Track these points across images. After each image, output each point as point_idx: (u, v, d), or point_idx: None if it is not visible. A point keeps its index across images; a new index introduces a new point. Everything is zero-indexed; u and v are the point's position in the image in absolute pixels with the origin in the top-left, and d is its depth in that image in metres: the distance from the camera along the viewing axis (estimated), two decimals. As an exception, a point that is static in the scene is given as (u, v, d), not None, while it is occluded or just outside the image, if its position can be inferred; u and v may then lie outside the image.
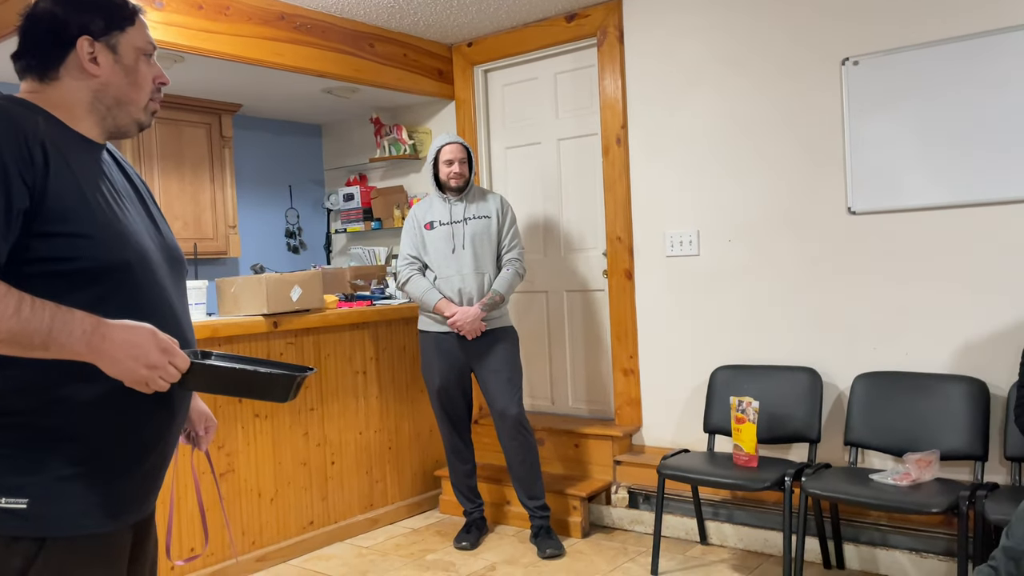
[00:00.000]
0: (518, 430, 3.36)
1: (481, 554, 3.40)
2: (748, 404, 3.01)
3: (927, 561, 2.87)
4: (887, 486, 2.64)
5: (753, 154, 3.36)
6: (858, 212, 3.11)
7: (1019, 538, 2.11)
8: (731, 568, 3.11)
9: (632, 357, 3.76)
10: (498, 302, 3.35)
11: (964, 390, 2.80)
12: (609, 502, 3.67)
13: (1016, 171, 2.77)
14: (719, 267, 3.48)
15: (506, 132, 4.28)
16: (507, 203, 3.49)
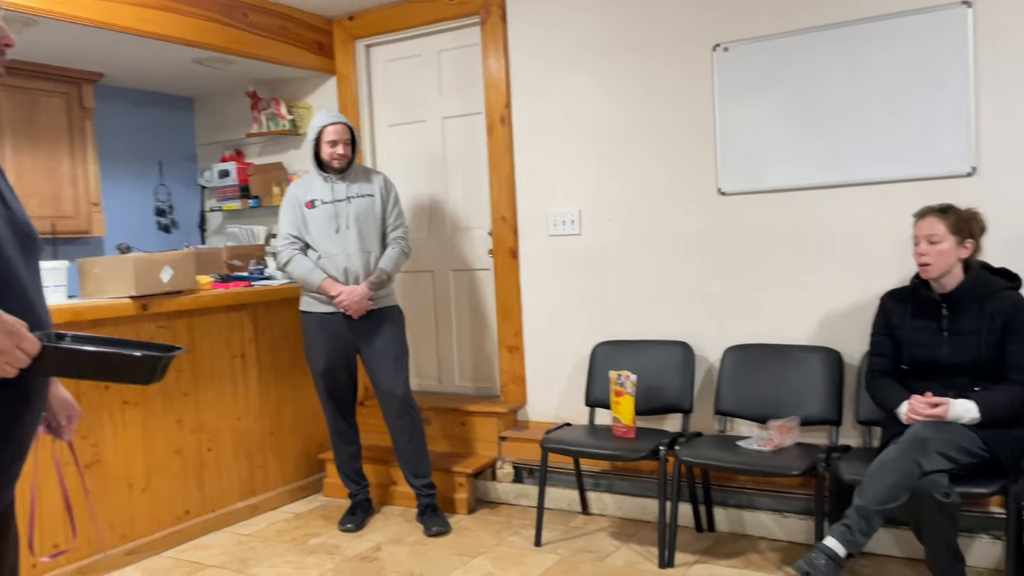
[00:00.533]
0: (404, 410, 3.35)
1: (366, 535, 3.38)
2: (626, 378, 3.12)
3: (789, 520, 3.07)
4: (752, 452, 2.81)
5: (631, 136, 3.46)
6: (728, 193, 3.27)
7: (869, 497, 2.30)
8: (610, 536, 3.23)
9: (517, 335, 3.81)
10: (385, 280, 3.32)
11: (821, 360, 3.01)
12: (495, 478, 3.72)
13: (871, 155, 2.97)
14: (600, 246, 3.57)
15: (389, 109, 4.22)
16: (390, 181, 3.45)
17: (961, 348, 2.47)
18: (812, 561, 2.27)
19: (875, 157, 2.96)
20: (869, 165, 2.98)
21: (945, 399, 2.40)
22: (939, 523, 2.29)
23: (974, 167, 2.80)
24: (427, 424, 3.87)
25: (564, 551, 3.09)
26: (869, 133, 2.97)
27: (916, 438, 2.32)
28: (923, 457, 2.27)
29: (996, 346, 2.43)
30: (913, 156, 2.89)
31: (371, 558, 3.13)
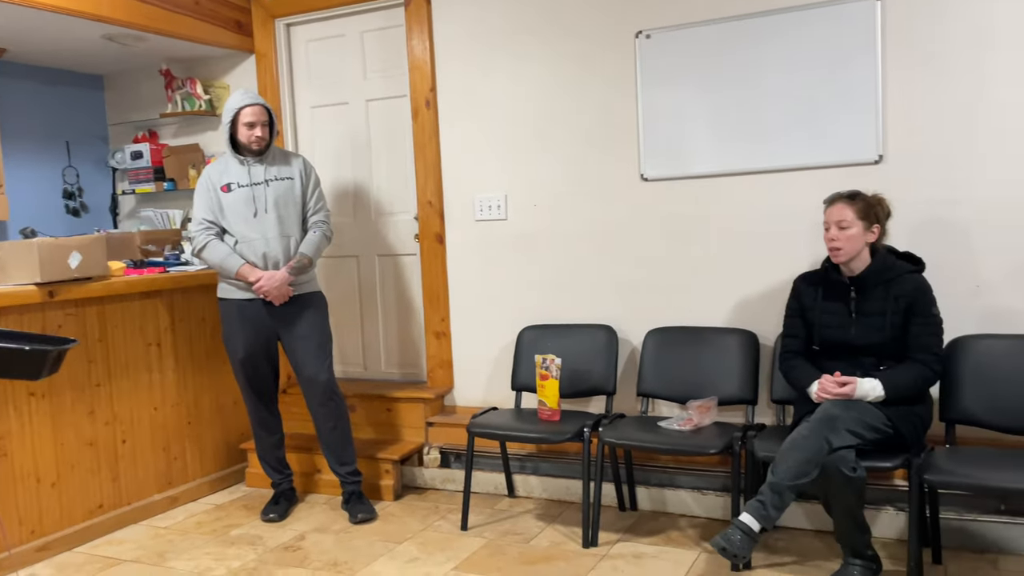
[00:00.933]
0: (328, 397, 3.30)
1: (290, 525, 3.33)
2: (552, 361, 3.15)
3: (707, 498, 3.16)
4: (672, 431, 2.87)
5: (556, 121, 3.47)
6: (650, 179, 3.32)
7: (782, 473, 2.38)
8: (536, 517, 3.26)
9: (444, 320, 3.80)
10: (306, 265, 3.25)
11: (738, 342, 3.10)
12: (422, 463, 3.71)
13: (786, 143, 3.06)
14: (526, 231, 3.59)
15: (312, 91, 4.12)
16: (310, 164, 3.37)
17: (868, 329, 2.57)
18: (728, 537, 2.34)
19: (789, 145, 3.05)
20: (784, 153, 3.07)
21: (852, 378, 2.50)
22: (847, 496, 2.39)
23: (881, 155, 2.92)
24: (352, 411, 3.83)
25: (490, 534, 3.11)
26: (784, 122, 3.05)
27: (825, 416, 2.42)
28: (832, 434, 2.37)
29: (900, 327, 2.55)
30: (825, 144, 2.99)
31: (295, 547, 3.08)
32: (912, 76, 2.86)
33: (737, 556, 2.33)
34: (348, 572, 2.83)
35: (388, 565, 2.88)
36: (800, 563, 2.72)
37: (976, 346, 2.66)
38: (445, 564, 2.86)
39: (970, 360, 2.65)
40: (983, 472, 2.30)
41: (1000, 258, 2.79)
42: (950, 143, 2.82)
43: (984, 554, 2.71)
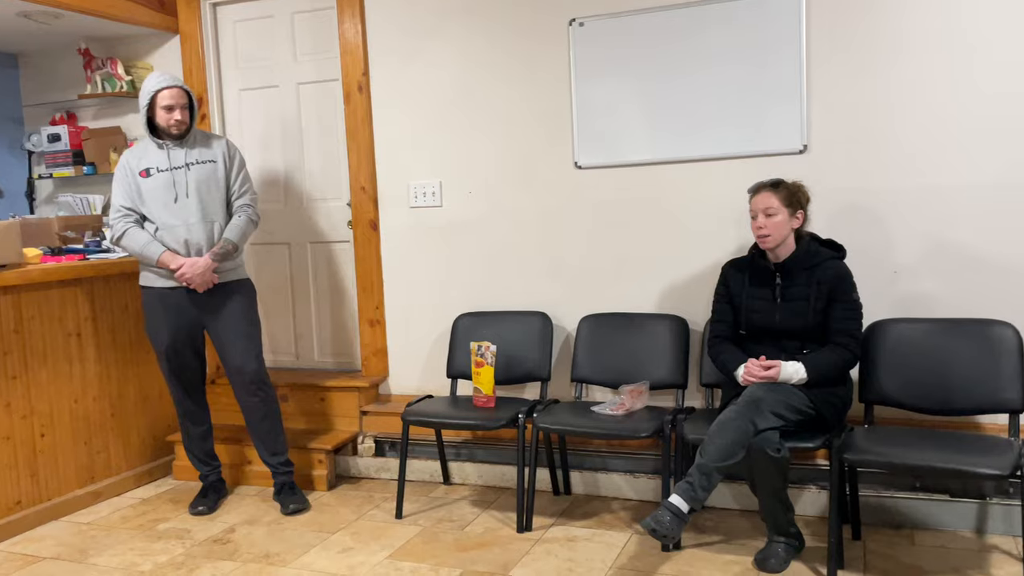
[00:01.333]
0: (258, 386, 3.23)
1: (220, 517, 3.26)
2: (487, 348, 3.15)
3: (639, 480, 3.22)
4: (605, 416, 2.91)
5: (490, 108, 3.46)
6: (584, 167, 3.34)
7: (710, 455, 2.44)
8: (471, 504, 3.27)
9: (378, 308, 3.76)
10: (231, 251, 3.16)
11: (669, 327, 3.15)
12: (356, 453, 3.67)
13: (715, 132, 3.12)
14: (461, 218, 3.57)
15: (240, 73, 4.01)
16: (234, 146, 3.27)
17: (792, 314, 2.65)
18: (658, 518, 2.38)
19: (719, 134, 3.11)
20: (714, 142, 3.12)
21: (776, 362, 2.58)
22: (771, 476, 2.46)
23: (806, 145, 3.00)
24: (284, 401, 3.77)
25: (425, 521, 3.11)
26: (714, 112, 3.11)
27: (751, 399, 2.48)
28: (757, 416, 2.43)
29: (822, 312, 2.63)
30: (753, 134, 3.06)
31: (224, 540, 3.02)
32: (834, 69, 2.94)
33: (667, 537, 2.38)
34: (280, 564, 2.79)
35: (321, 556, 2.84)
36: (727, 542, 2.79)
37: (893, 330, 2.77)
38: (379, 553, 2.84)
39: (887, 343, 2.75)
40: (899, 450, 2.40)
41: (916, 244, 2.90)
42: (870, 134, 2.92)
43: (900, 529, 2.83)
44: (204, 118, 3.99)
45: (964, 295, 2.85)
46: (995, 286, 2.81)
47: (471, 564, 2.71)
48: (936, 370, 2.67)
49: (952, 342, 2.68)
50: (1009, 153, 2.76)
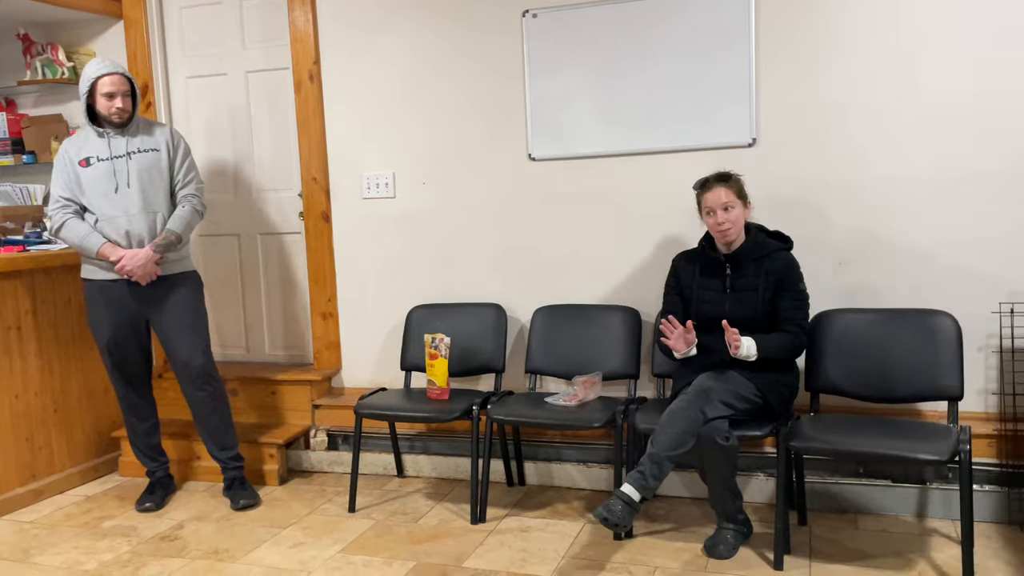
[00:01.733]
0: (205, 380, 3.17)
1: (167, 514, 3.19)
2: (441, 340, 3.14)
3: (592, 470, 3.25)
4: (559, 407, 2.93)
5: (444, 99, 3.44)
6: (537, 159, 3.34)
7: (661, 444, 2.47)
8: (425, 496, 3.26)
9: (331, 300, 3.71)
10: (174, 242, 3.08)
11: (621, 318, 3.18)
12: (308, 447, 3.63)
13: (667, 125, 3.14)
14: (415, 209, 3.55)
15: (187, 60, 3.92)
16: (178, 134, 3.19)
17: (742, 304, 2.69)
18: (610, 507, 2.40)
19: (671, 127, 3.14)
20: (665, 135, 3.15)
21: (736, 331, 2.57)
22: (721, 464, 2.51)
23: (755, 138, 3.05)
24: (234, 395, 3.71)
25: (378, 515, 3.09)
26: (666, 105, 3.13)
27: (700, 389, 2.52)
28: (707, 405, 2.47)
29: (771, 302, 2.68)
30: (703, 127, 3.09)
31: (172, 537, 2.96)
32: (782, 65, 2.99)
33: (619, 525, 2.41)
34: (229, 560, 2.75)
35: (272, 551, 2.81)
36: (678, 529, 2.83)
37: (838, 320, 2.83)
38: (331, 547, 2.82)
39: (832, 333, 2.82)
40: (843, 438, 2.46)
41: (859, 236, 2.97)
42: (816, 128, 2.97)
43: (845, 514, 2.90)
44: (150, 106, 3.89)
45: (906, 286, 2.93)
46: (935, 277, 2.89)
47: (425, 556, 2.71)
48: (879, 359, 2.74)
49: (894, 332, 2.75)
50: (947, 148, 2.84)
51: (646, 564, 2.58)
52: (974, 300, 2.85)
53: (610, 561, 2.61)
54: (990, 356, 2.86)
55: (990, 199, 2.82)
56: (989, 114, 2.79)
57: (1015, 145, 2.77)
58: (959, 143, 2.83)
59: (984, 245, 2.84)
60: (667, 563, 2.58)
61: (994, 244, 2.83)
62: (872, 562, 2.53)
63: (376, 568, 2.63)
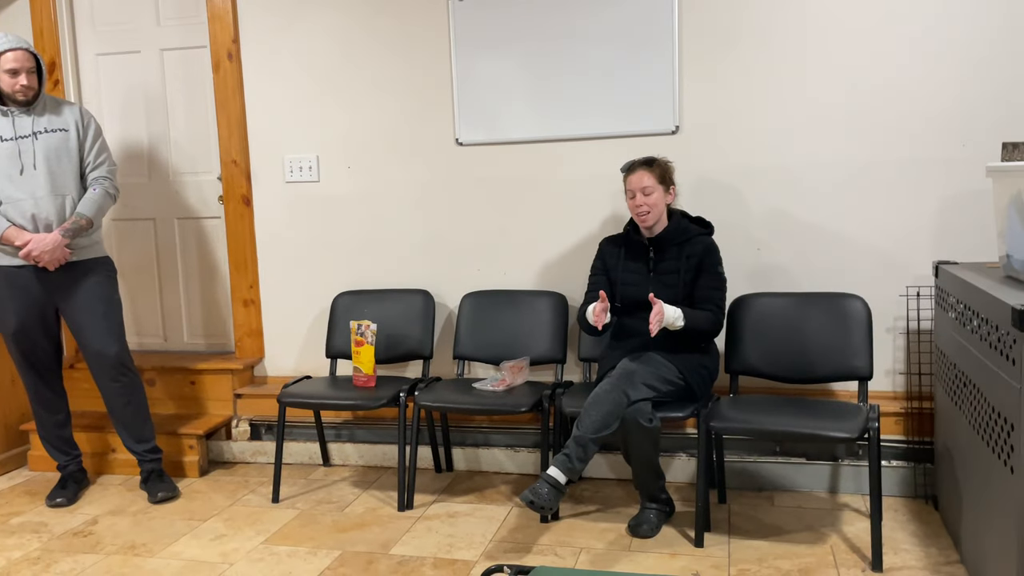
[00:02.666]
0: (119, 371, 3.05)
1: (81, 509, 3.07)
2: (367, 327, 3.10)
3: (520, 454, 3.27)
4: (486, 392, 2.93)
5: (369, 82, 3.38)
6: (465, 143, 3.32)
7: (586, 427, 2.50)
8: (352, 484, 3.23)
9: (252, 287, 3.62)
10: (84, 227, 2.95)
11: (549, 303, 3.20)
12: (230, 437, 3.55)
13: (593, 112, 3.16)
14: (339, 193, 3.48)
15: (97, 37, 3.75)
16: (88, 114, 3.04)
17: (664, 287, 2.74)
18: (536, 490, 2.43)
19: (598, 114, 3.16)
20: (593, 121, 3.17)
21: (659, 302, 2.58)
22: (644, 445, 2.55)
23: (678, 126, 3.10)
24: (151, 386, 3.59)
25: (303, 504, 3.04)
26: (592, 91, 3.16)
27: (624, 372, 2.56)
28: (630, 388, 2.51)
29: (691, 284, 2.73)
30: (629, 114, 3.13)
31: (86, 533, 2.85)
32: (704, 56, 3.04)
33: (545, 508, 2.43)
34: (146, 554, 2.66)
35: (191, 544, 2.73)
36: (603, 511, 2.88)
37: (755, 303, 2.91)
38: (254, 539, 2.76)
39: (751, 316, 2.90)
40: (761, 418, 2.54)
41: (776, 221, 3.06)
42: (736, 116, 3.04)
43: (762, 491, 3.00)
44: (57, 84, 3.71)
45: (821, 270, 3.03)
46: (848, 261, 3.01)
47: (350, 545, 2.68)
48: (794, 341, 2.84)
49: (808, 315, 2.85)
50: (859, 137, 2.95)
51: (572, 545, 2.61)
52: (883, 284, 2.98)
53: (536, 543, 2.64)
54: (898, 337, 3.00)
55: (898, 187, 2.94)
56: (899, 104, 2.90)
57: (924, 135, 2.89)
58: (870, 132, 2.94)
59: (892, 231, 2.96)
60: (592, 544, 2.62)
61: (902, 230, 2.95)
62: (787, 537, 2.62)
63: (300, 558, 2.59)
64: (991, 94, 2.82)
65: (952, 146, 2.87)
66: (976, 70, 2.82)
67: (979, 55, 2.81)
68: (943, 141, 2.88)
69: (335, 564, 2.54)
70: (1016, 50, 2.78)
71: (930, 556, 2.46)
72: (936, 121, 2.87)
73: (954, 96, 2.85)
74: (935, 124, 2.88)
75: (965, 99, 2.84)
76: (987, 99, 2.82)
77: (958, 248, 2.91)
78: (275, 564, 2.56)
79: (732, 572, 2.40)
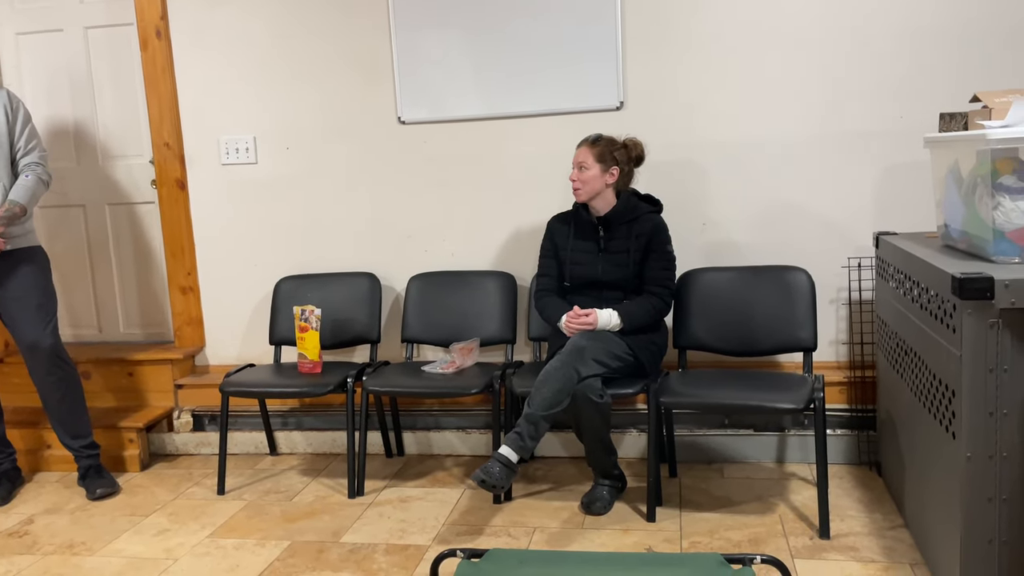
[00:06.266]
0: (54, 363, 2.92)
1: (15, 508, 2.95)
2: (311, 312, 3.02)
3: (471, 436, 3.24)
4: (436, 375, 2.89)
5: (307, 58, 3.28)
6: (407, 122, 3.25)
7: (536, 404, 2.48)
8: (300, 473, 3.16)
9: (191, 274, 3.51)
10: (18, 215, 2.80)
11: (498, 284, 3.17)
12: (172, 429, 3.44)
13: (539, 89, 3.12)
14: (279, 176, 3.38)
15: (16, 14, 3.55)
16: (16, 98, 2.90)
17: (613, 265, 2.73)
18: (488, 470, 2.40)
19: (543, 90, 3.12)
20: (537, 98, 3.13)
21: (592, 310, 2.64)
22: (595, 421, 2.55)
23: (622, 101, 3.08)
24: (86, 378, 3.46)
25: (250, 495, 2.97)
26: (536, 67, 3.11)
27: (574, 348, 2.54)
28: (580, 364, 2.50)
29: (640, 263, 2.73)
30: (573, 90, 3.10)
31: (21, 533, 2.74)
32: (647, 30, 3.03)
33: (496, 487, 2.41)
34: (86, 553, 2.57)
35: (133, 540, 2.64)
36: (556, 489, 2.88)
37: (702, 278, 2.93)
38: (199, 532, 2.68)
39: (698, 291, 2.91)
40: (709, 391, 2.55)
41: (721, 197, 3.07)
42: (679, 91, 3.04)
43: (712, 464, 3.04)
44: (-27, 64, 3.51)
45: (765, 243, 3.06)
46: (792, 234, 3.04)
47: (300, 535, 2.62)
48: (740, 315, 2.86)
49: (754, 288, 2.88)
50: (798, 111, 2.97)
51: (525, 525, 2.60)
52: (825, 256, 3.02)
53: (489, 525, 2.62)
54: (840, 308, 3.05)
55: (840, 160, 2.98)
56: (839, 78, 2.93)
57: (863, 108, 2.93)
58: (812, 107, 2.97)
59: (835, 203, 3.00)
60: (546, 523, 2.61)
61: (843, 203, 2.99)
62: (737, 508, 2.65)
63: (248, 550, 2.53)
64: (928, 66, 2.87)
65: (891, 119, 2.92)
66: (912, 42, 2.86)
67: (916, 26, 2.86)
68: (882, 114, 2.92)
69: (284, 555, 2.49)
70: (953, 23, 2.83)
71: (875, 521, 2.52)
72: (874, 94, 2.91)
73: (891, 69, 2.89)
74: (873, 97, 2.91)
75: (902, 71, 2.89)
76: (924, 71, 2.87)
77: (899, 220, 2.97)
78: (222, 558, 2.49)
79: (684, 545, 2.42)
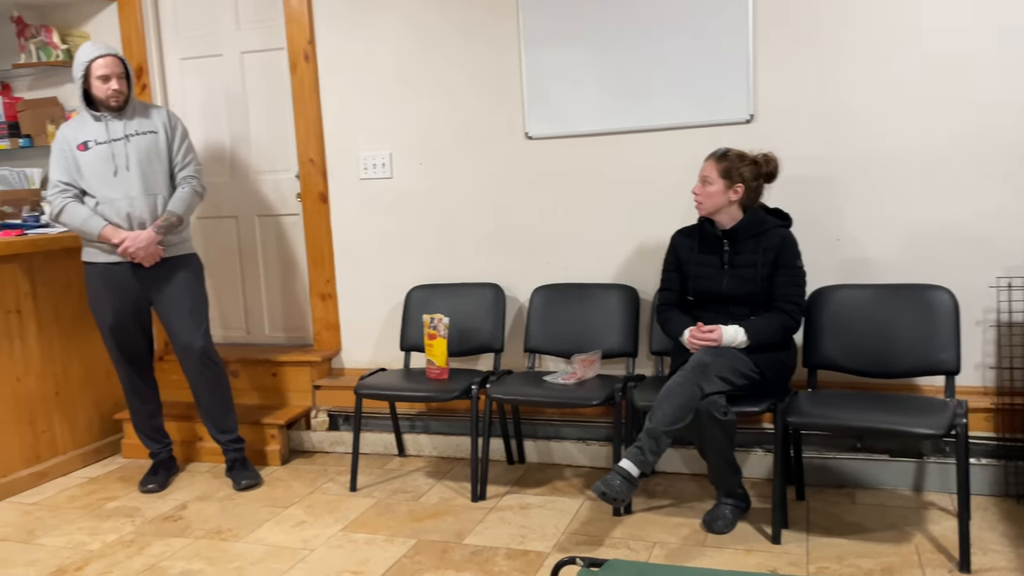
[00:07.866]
0: (205, 364, 3.18)
1: (171, 495, 3.22)
2: (439, 321, 3.14)
3: (591, 447, 3.26)
4: (557, 385, 2.94)
5: (440, 78, 3.42)
6: (535, 137, 3.33)
7: (658, 419, 2.48)
8: (426, 475, 3.29)
9: (329, 282, 3.72)
10: (175, 224, 3.09)
11: (620, 297, 3.18)
12: (309, 427, 3.66)
13: (666, 103, 3.12)
14: (412, 189, 3.54)
15: (180, 42, 3.90)
16: (175, 116, 3.18)
17: (739, 280, 2.69)
18: (609, 482, 2.42)
19: (669, 104, 3.12)
20: (663, 112, 3.13)
21: (716, 326, 2.61)
22: (719, 439, 2.52)
23: (752, 114, 3.03)
24: (235, 377, 3.73)
25: (380, 493, 3.11)
26: (663, 81, 3.12)
27: (698, 364, 2.52)
28: (704, 381, 2.48)
29: (768, 278, 2.68)
30: (701, 104, 3.08)
31: (176, 517, 2.99)
32: (779, 39, 2.97)
33: (617, 500, 2.42)
34: (232, 539, 2.78)
35: (274, 530, 2.83)
36: (677, 505, 2.85)
37: (835, 296, 2.83)
38: (333, 526, 2.84)
39: (830, 309, 2.82)
40: (841, 413, 2.47)
41: (857, 211, 2.96)
42: (813, 103, 2.96)
43: (842, 489, 2.92)
44: (145, 88, 3.88)
45: (904, 261, 2.93)
46: (933, 252, 2.89)
47: (425, 534, 2.73)
48: (876, 334, 2.75)
49: (891, 307, 2.75)
50: (944, 122, 2.83)
51: (645, 539, 2.60)
52: (971, 274, 2.85)
53: (609, 537, 2.63)
54: (987, 330, 2.87)
55: (987, 173, 2.81)
56: (989, 90, 2.77)
57: (1011, 118, 2.75)
58: (957, 118, 2.82)
59: (981, 219, 2.83)
60: (666, 538, 2.60)
61: (991, 218, 2.82)
62: (869, 535, 2.55)
63: (378, 545, 2.66)
64: (1091, 73, 2.67)
65: (1047, 129, 2.73)
66: (1074, 48, 2.67)
67: (1077, 32, 2.66)
68: (1037, 124, 2.73)
69: (411, 552, 2.60)
70: (1119, 25, 2.62)
71: (1021, 557, 2.36)
72: (1030, 103, 2.73)
73: (1049, 76, 2.71)
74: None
75: (1062, 79, 2.70)
76: (1086, 78, 2.67)
77: (1054, 236, 2.77)
78: (353, 551, 2.63)
79: (811, 570, 2.35)
